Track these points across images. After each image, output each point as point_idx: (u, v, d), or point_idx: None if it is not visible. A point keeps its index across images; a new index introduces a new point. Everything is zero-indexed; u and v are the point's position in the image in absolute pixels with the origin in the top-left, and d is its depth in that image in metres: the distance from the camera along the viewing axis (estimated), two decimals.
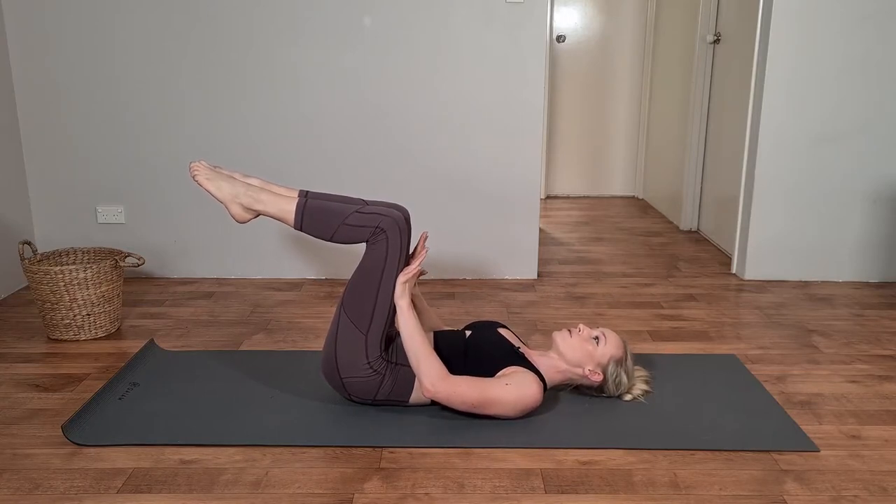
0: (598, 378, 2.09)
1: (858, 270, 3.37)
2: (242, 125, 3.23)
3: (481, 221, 3.34)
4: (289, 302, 3.06)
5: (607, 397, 2.15)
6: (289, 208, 2.01)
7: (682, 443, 1.92)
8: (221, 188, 2.05)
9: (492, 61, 3.17)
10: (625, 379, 2.12)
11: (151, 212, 3.32)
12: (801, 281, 3.39)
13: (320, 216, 1.99)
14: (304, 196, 2.10)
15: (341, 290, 3.22)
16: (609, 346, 2.10)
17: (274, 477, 1.77)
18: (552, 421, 2.02)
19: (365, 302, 1.98)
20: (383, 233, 1.97)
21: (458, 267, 3.39)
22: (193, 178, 2.07)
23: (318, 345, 2.60)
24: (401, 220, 1.99)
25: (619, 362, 2.10)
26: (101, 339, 2.65)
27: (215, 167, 2.10)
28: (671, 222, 4.61)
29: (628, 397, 2.15)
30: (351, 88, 3.20)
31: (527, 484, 1.75)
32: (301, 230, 2.01)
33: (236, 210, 2.05)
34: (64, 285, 2.54)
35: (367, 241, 1.99)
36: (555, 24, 5.17)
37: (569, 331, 2.12)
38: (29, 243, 2.67)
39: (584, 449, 1.90)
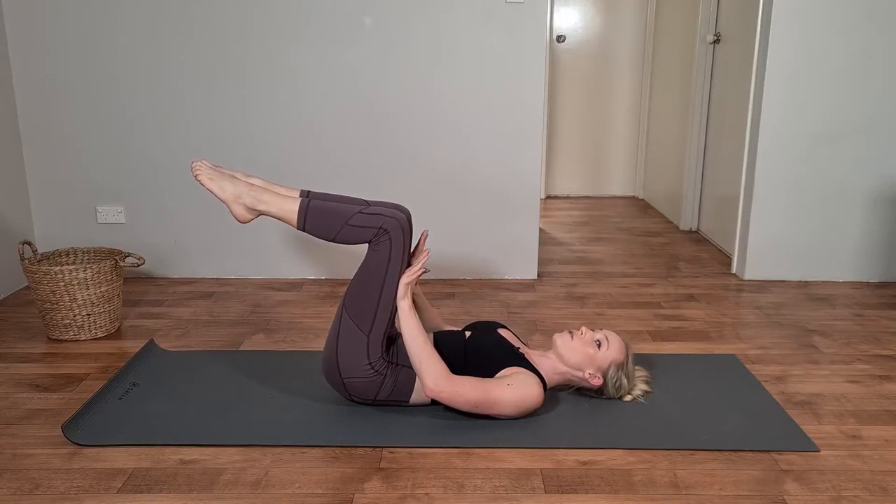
0: (597, 382, 2.08)
1: (858, 270, 3.37)
2: (242, 125, 3.23)
3: (481, 221, 3.34)
4: (289, 302, 3.06)
5: (607, 399, 2.15)
6: (292, 209, 2.01)
7: (682, 443, 1.92)
8: (224, 188, 2.05)
9: (492, 61, 3.17)
10: (625, 382, 2.11)
11: (151, 212, 3.32)
12: (801, 281, 3.39)
13: (324, 216, 1.99)
14: (307, 196, 2.11)
15: (341, 290, 3.23)
16: (611, 351, 2.08)
17: (274, 477, 1.77)
18: (552, 421, 2.02)
19: (367, 303, 1.98)
20: (386, 234, 1.97)
21: (458, 267, 3.39)
22: (195, 177, 2.06)
23: (318, 345, 2.60)
24: (403, 221, 1.99)
25: (620, 366, 2.10)
26: (101, 339, 2.65)
27: (217, 167, 2.10)
28: (671, 222, 4.61)
29: (628, 398, 2.14)
30: (351, 88, 3.20)
31: (527, 484, 1.75)
32: (304, 230, 2.01)
33: (238, 210, 2.05)
34: (64, 285, 2.54)
35: (369, 242, 1.99)
36: (555, 24, 5.17)
37: (570, 333, 2.12)
38: (29, 243, 2.67)
39: (584, 449, 1.90)
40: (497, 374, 2.00)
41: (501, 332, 2.19)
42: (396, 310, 2.01)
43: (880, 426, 2.04)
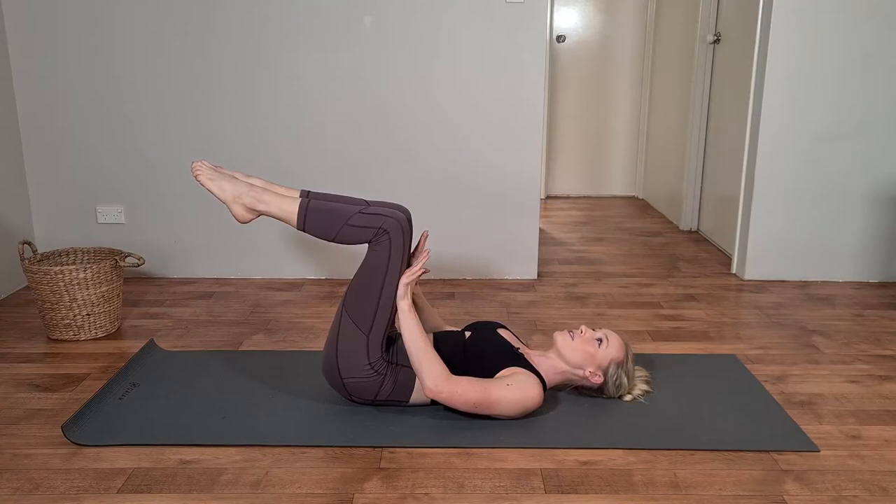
0: (598, 380, 2.09)
1: (858, 270, 3.37)
2: (242, 125, 3.23)
3: (481, 221, 3.34)
4: (289, 302, 3.06)
5: (607, 398, 2.15)
6: (291, 209, 2.01)
7: (682, 443, 1.92)
8: (224, 188, 2.05)
9: (492, 61, 3.17)
10: (625, 381, 2.11)
11: (151, 212, 3.32)
12: (801, 281, 3.39)
13: (323, 217, 1.99)
14: (307, 196, 2.11)
15: (341, 290, 3.23)
16: (611, 349, 2.09)
17: (274, 477, 1.77)
18: (552, 421, 2.02)
19: (367, 303, 1.98)
20: (386, 234, 1.97)
21: (458, 267, 3.39)
22: (195, 177, 2.06)
23: (318, 345, 2.60)
24: (403, 221, 1.99)
25: (620, 364, 2.10)
26: (101, 339, 2.65)
27: (217, 167, 2.10)
28: (671, 222, 4.61)
29: (628, 398, 2.15)
30: (351, 88, 3.20)
31: (527, 484, 1.75)
32: (304, 230, 2.01)
33: (238, 210, 2.05)
34: (64, 285, 2.54)
35: (369, 242, 1.99)
36: (555, 24, 5.17)
37: (570, 332, 2.12)
38: (29, 243, 2.67)
39: (584, 449, 1.90)
40: (497, 375, 2.00)
41: (501, 332, 2.19)
42: (396, 310, 2.01)
43: (880, 426, 2.04)
